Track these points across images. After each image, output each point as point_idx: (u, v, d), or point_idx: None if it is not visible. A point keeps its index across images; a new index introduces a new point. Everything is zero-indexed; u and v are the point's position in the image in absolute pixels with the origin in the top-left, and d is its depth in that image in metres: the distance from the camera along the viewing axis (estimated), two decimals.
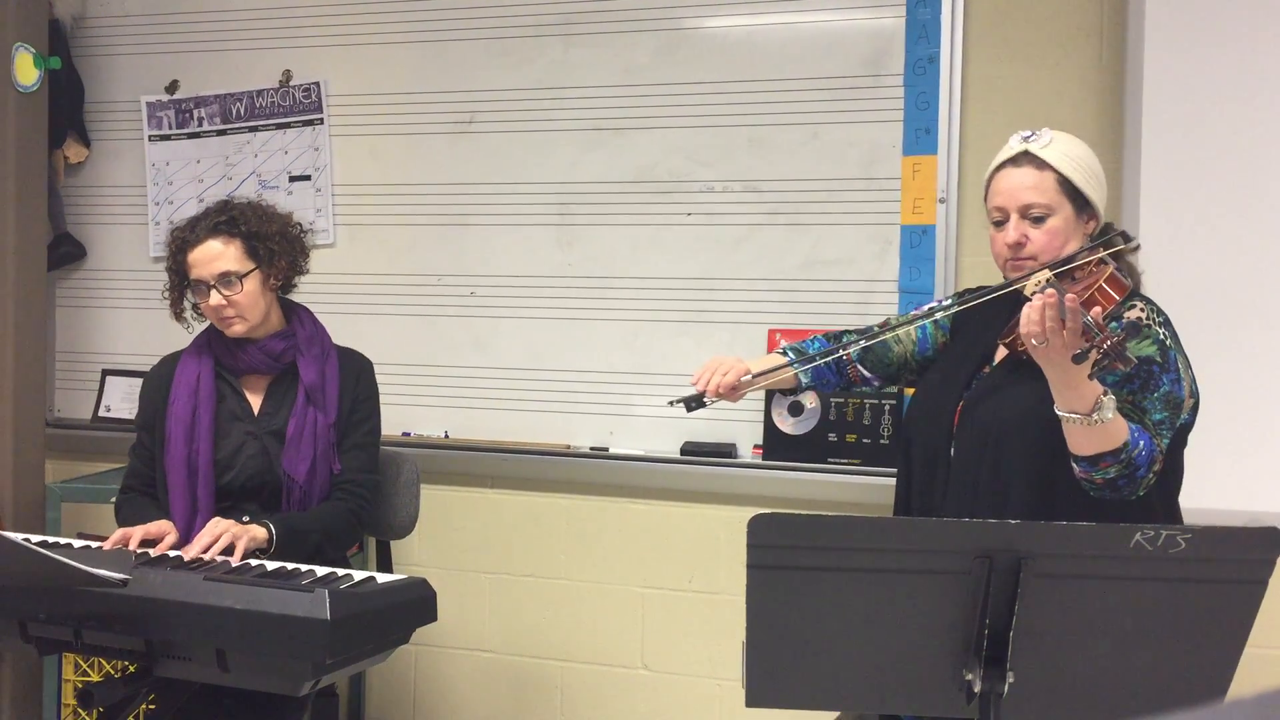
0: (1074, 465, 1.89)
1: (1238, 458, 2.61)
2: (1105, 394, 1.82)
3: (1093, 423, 1.81)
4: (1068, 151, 2.02)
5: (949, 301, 2.25)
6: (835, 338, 2.28)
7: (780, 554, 1.65)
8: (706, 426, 3.07)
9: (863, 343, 2.22)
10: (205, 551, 2.28)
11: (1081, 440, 1.85)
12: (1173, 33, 2.68)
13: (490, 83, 3.24)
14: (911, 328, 2.23)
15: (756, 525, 1.62)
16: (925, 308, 2.28)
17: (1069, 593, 1.63)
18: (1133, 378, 1.91)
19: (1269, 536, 1.58)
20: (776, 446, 2.99)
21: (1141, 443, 1.86)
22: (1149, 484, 1.89)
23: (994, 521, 1.66)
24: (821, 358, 2.22)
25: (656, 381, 3.11)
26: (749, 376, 2.17)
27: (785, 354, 2.27)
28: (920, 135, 2.92)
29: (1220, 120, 2.67)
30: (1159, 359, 1.93)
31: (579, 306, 3.18)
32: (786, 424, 3.00)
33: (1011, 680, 1.65)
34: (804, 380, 2.25)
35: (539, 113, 3.20)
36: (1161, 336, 1.96)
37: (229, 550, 2.30)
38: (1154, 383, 1.93)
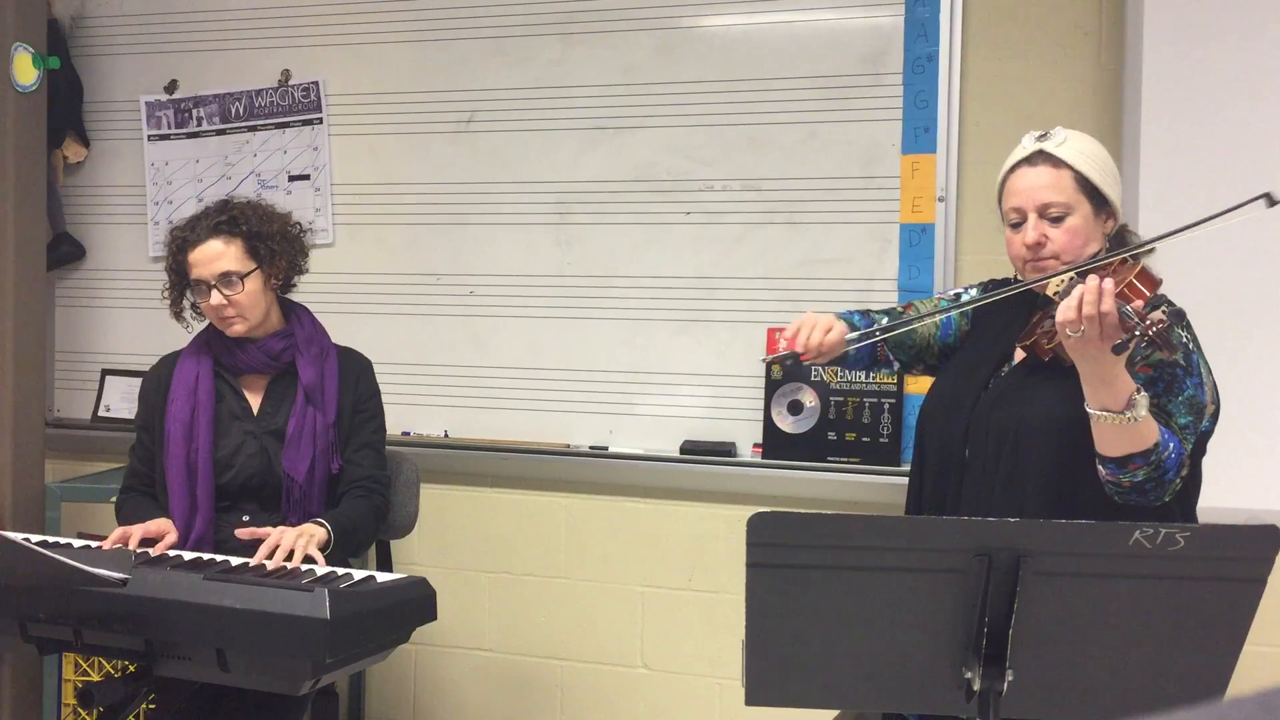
0: (1100, 468, 1.84)
1: (1237, 456, 2.61)
2: (1138, 391, 1.78)
3: (1125, 421, 1.77)
4: (1083, 149, 1.99)
5: (975, 291, 2.20)
6: (864, 314, 2.22)
7: (780, 552, 1.65)
8: (706, 425, 3.07)
9: (909, 323, 2.16)
10: (269, 557, 2.27)
11: (1112, 440, 1.80)
12: (1171, 32, 2.68)
13: (489, 82, 3.24)
14: (938, 317, 2.18)
15: (756, 524, 1.62)
16: (951, 293, 2.25)
17: (1068, 591, 1.64)
18: (1156, 380, 1.89)
19: (1268, 534, 1.58)
20: (776, 445, 2.99)
21: (1171, 445, 1.82)
22: (1175, 489, 1.85)
23: (993, 520, 1.66)
24: (882, 332, 2.13)
25: (656, 380, 3.12)
26: (852, 336, 2.08)
27: (840, 317, 2.15)
28: (919, 134, 2.92)
29: (1219, 119, 2.67)
30: (1183, 362, 1.90)
31: (578, 305, 3.18)
32: (786, 423, 3.00)
33: (1011, 678, 1.65)
34: (850, 353, 2.16)
35: (538, 112, 3.20)
36: (1184, 339, 1.93)
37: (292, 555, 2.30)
38: (1178, 386, 1.89)
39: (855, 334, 2.10)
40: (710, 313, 3.08)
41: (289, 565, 2.26)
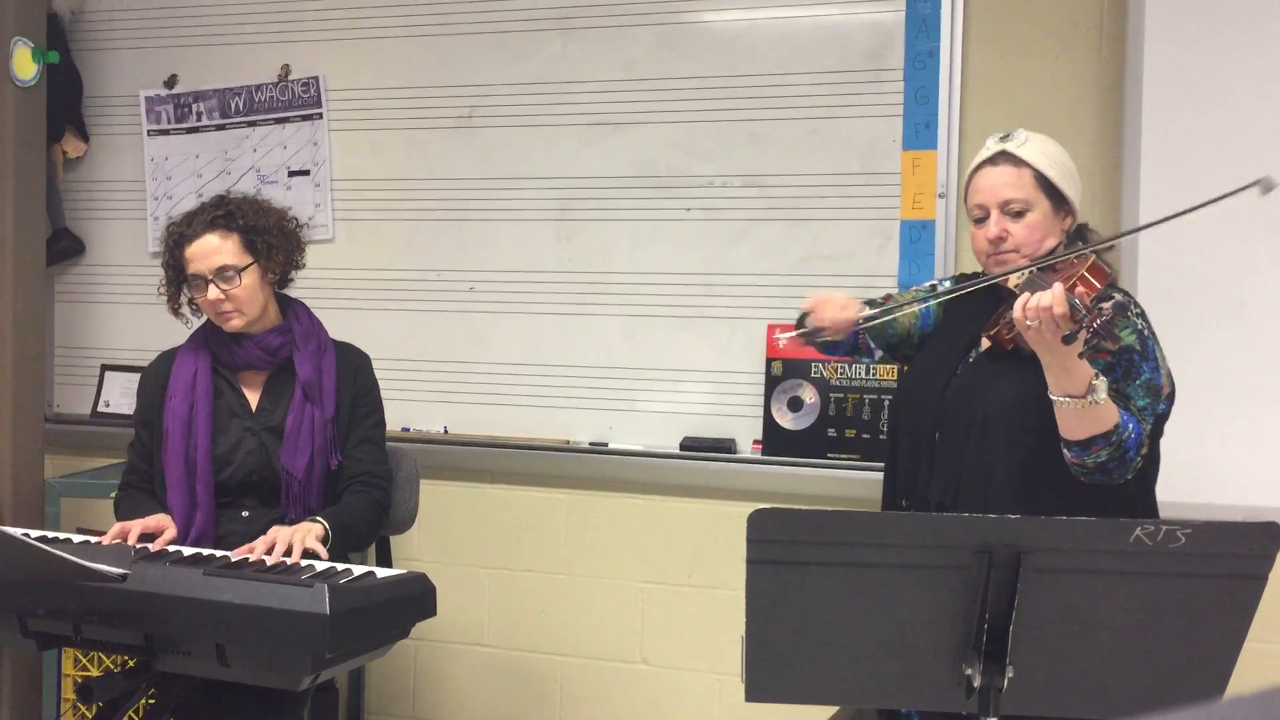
0: (1065, 451, 1.93)
1: (1237, 452, 2.61)
2: (1097, 377, 1.87)
3: (1086, 405, 1.86)
4: (1043, 150, 2.10)
5: (949, 283, 2.30)
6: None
7: (780, 549, 1.65)
8: (706, 422, 3.07)
9: (913, 304, 2.23)
10: (271, 551, 2.28)
11: (1074, 424, 1.89)
12: (1173, 27, 2.68)
13: (490, 77, 3.23)
14: (916, 307, 2.27)
15: (756, 520, 1.62)
16: (927, 284, 2.35)
17: (1068, 587, 1.64)
18: (1115, 366, 1.99)
19: (1268, 531, 1.58)
20: (776, 442, 2.99)
21: (1130, 425, 1.92)
22: (1136, 468, 1.94)
23: (994, 516, 1.66)
24: (886, 313, 2.20)
25: (656, 377, 3.11)
26: (867, 314, 2.15)
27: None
28: (920, 130, 2.91)
29: (1220, 115, 2.66)
30: (1139, 348, 2.00)
31: (578, 301, 3.18)
32: (786, 419, 3.00)
33: (1011, 675, 1.65)
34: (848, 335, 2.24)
35: (538, 107, 3.19)
36: (1140, 327, 2.03)
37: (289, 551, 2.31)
38: (1135, 370, 2.00)
39: (869, 312, 2.16)
40: (711, 309, 3.08)
41: (289, 560, 2.26)
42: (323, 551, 2.31)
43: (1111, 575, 1.62)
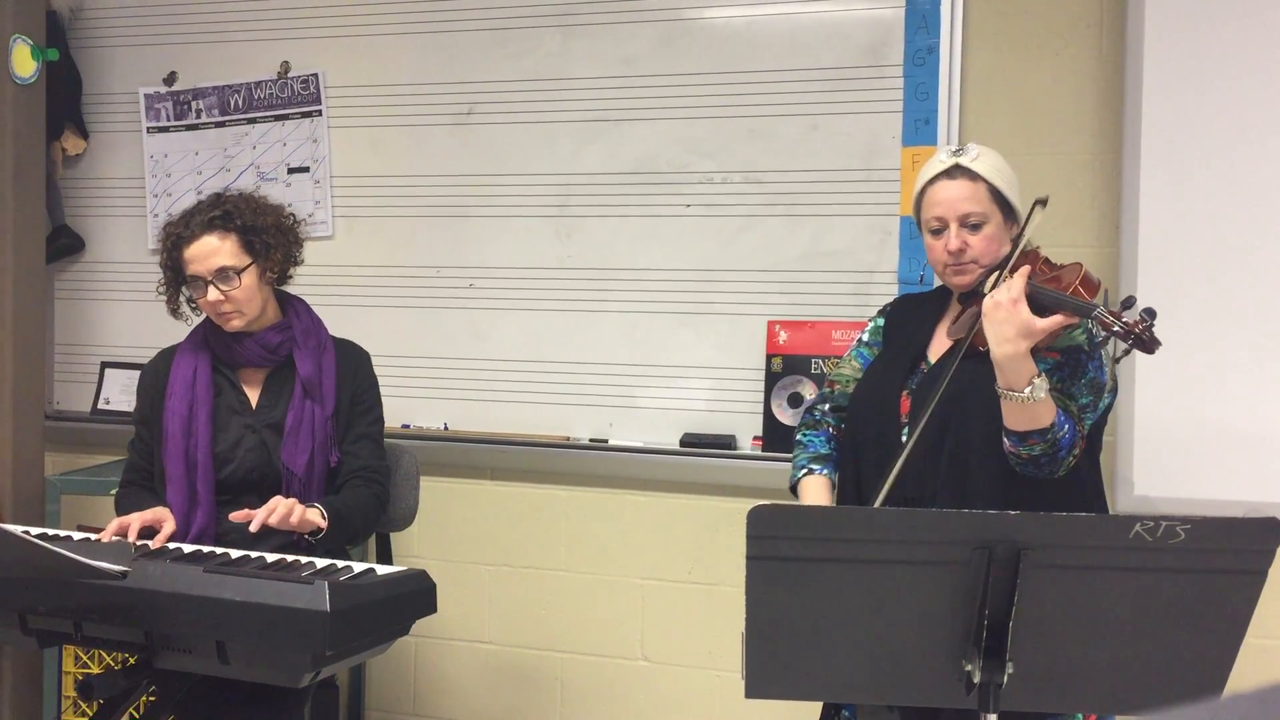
0: (1005, 440, 2.00)
1: (1236, 449, 2.61)
2: (1039, 376, 1.96)
3: (1025, 400, 1.94)
4: (994, 164, 2.18)
5: (878, 320, 2.37)
6: (810, 411, 2.41)
7: (779, 545, 1.65)
8: (706, 418, 3.07)
9: (828, 407, 2.36)
10: (271, 516, 2.30)
11: (1016, 417, 1.97)
12: (1173, 23, 2.68)
13: (489, 74, 3.23)
14: (854, 361, 2.35)
15: (756, 516, 1.62)
16: (855, 340, 2.41)
17: (1068, 583, 1.64)
18: (1063, 365, 2.06)
19: (1268, 527, 1.58)
20: (776, 438, 2.99)
21: (1066, 426, 1.99)
22: (1069, 466, 2.02)
23: (993, 513, 1.66)
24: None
25: (656, 373, 3.11)
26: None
27: (817, 473, 2.30)
28: (920, 126, 2.91)
29: (1220, 111, 2.66)
30: (1086, 348, 2.07)
31: (578, 298, 3.18)
32: (786, 415, 2.99)
33: (1011, 671, 1.65)
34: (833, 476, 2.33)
35: (538, 104, 3.19)
36: (1091, 327, 2.06)
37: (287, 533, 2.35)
38: (1081, 370, 2.07)
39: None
40: (710, 305, 3.08)
41: (289, 559, 2.26)
42: (321, 522, 2.35)
43: (1111, 571, 1.62)
